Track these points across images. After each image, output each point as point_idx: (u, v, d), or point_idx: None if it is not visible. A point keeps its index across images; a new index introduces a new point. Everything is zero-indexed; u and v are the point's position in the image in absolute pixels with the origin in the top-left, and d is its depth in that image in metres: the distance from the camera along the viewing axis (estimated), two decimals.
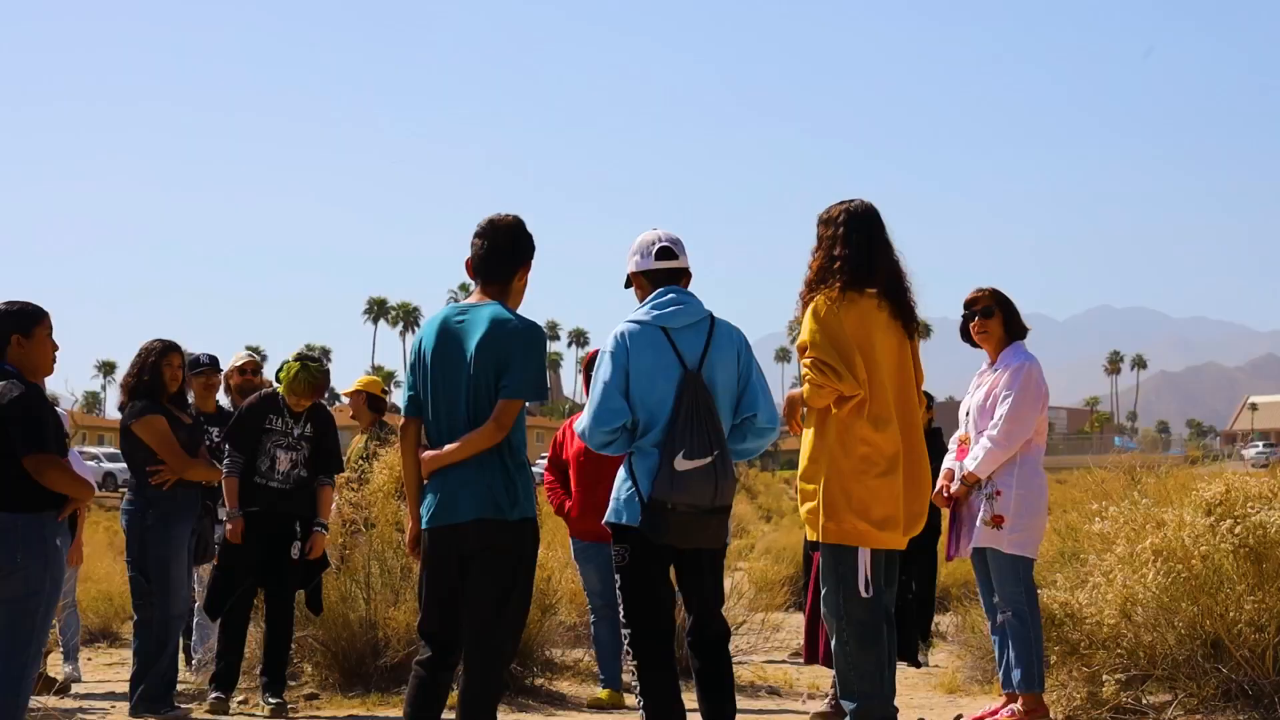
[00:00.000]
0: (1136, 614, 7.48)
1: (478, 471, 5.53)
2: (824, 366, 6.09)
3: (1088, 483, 13.96)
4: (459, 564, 5.56)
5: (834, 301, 6.19)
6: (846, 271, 6.23)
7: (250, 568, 8.55)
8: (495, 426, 5.51)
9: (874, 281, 6.27)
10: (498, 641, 5.55)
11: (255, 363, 10.04)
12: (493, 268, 5.72)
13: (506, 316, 5.60)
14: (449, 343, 5.61)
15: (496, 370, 5.53)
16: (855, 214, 6.34)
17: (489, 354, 5.53)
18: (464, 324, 5.61)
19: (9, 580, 6.08)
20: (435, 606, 5.61)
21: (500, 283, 5.72)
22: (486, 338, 5.53)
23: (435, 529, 5.58)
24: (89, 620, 13.05)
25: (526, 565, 5.64)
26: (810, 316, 6.20)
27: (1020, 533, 7.27)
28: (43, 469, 6.10)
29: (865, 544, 6.17)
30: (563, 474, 8.96)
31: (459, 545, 5.53)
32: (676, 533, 5.74)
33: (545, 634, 9.38)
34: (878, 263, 6.29)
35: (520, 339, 5.57)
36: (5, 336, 6.30)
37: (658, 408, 5.78)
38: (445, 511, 5.55)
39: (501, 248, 5.72)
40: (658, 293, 5.97)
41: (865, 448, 6.15)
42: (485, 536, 5.49)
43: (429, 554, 5.63)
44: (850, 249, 6.25)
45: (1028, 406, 7.31)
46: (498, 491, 5.52)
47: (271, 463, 8.58)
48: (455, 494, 5.53)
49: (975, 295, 7.64)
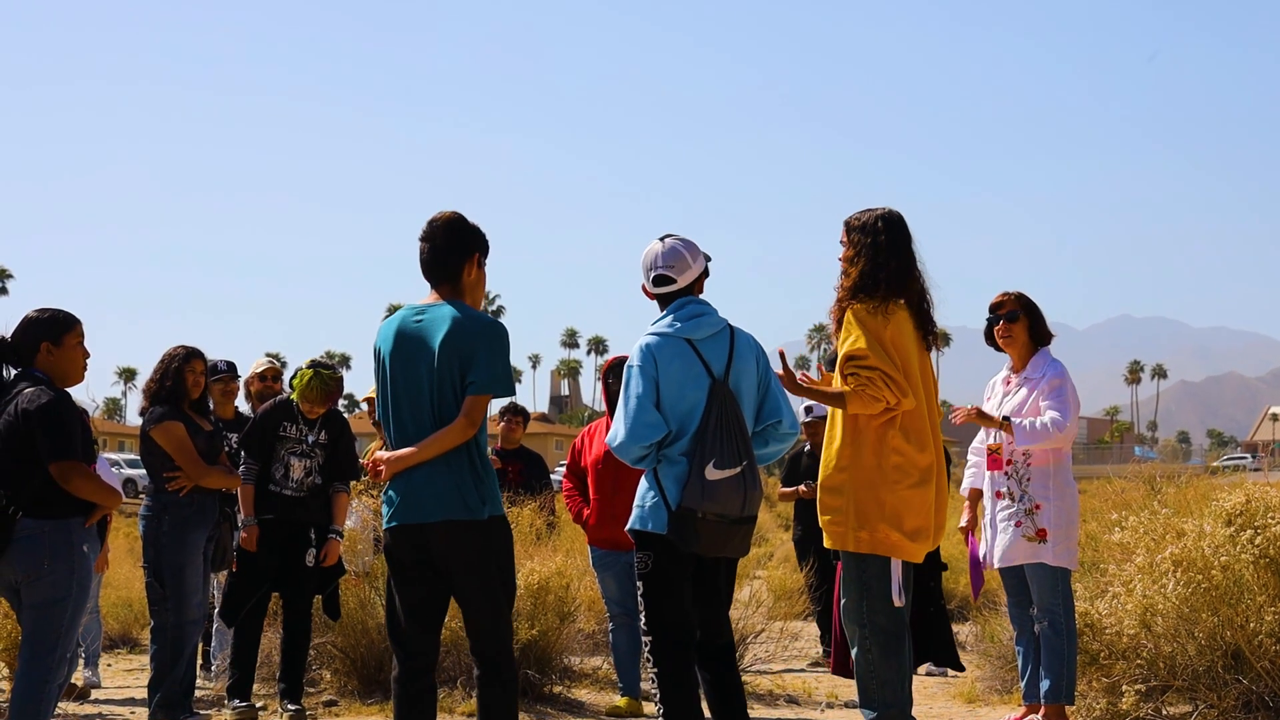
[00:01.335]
0: (1156, 624, 7.45)
1: (445, 470, 5.44)
2: (888, 380, 6.06)
3: (1108, 492, 13.93)
4: (426, 565, 5.49)
5: (875, 311, 6.18)
6: (890, 281, 6.22)
7: (265, 575, 8.57)
8: (466, 422, 5.44)
9: (906, 292, 6.27)
10: (502, 644, 5.50)
11: (276, 369, 10.08)
12: (438, 267, 5.67)
13: (466, 314, 5.54)
14: (408, 344, 5.55)
15: (461, 368, 5.46)
16: (893, 223, 6.32)
17: (452, 352, 5.46)
18: (422, 324, 5.55)
19: (36, 586, 6.11)
20: (409, 614, 5.53)
21: (449, 281, 5.66)
22: (449, 337, 5.46)
23: (400, 527, 5.48)
24: (109, 626, 13.11)
25: (507, 562, 5.57)
26: (858, 325, 6.17)
27: (1062, 544, 7.25)
28: (68, 476, 6.12)
29: (897, 555, 6.15)
30: (581, 482, 8.96)
31: (424, 546, 5.45)
32: (706, 542, 5.73)
33: (563, 641, 9.37)
34: (913, 272, 6.31)
35: (483, 336, 5.50)
36: (36, 344, 6.35)
37: (687, 418, 5.78)
38: (410, 510, 5.46)
39: (441, 246, 5.66)
40: (677, 303, 5.98)
41: (898, 458, 6.14)
42: (454, 537, 5.41)
43: (393, 555, 5.56)
44: (893, 258, 6.24)
45: (1075, 416, 7.31)
46: (467, 491, 5.44)
47: (285, 470, 8.60)
48: (420, 493, 5.44)
49: (1001, 299, 7.62)
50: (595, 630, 10.58)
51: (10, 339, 6.39)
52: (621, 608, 8.53)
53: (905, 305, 6.27)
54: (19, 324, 6.41)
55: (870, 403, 6.09)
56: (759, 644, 10.68)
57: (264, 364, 10.12)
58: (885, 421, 6.16)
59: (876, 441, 6.16)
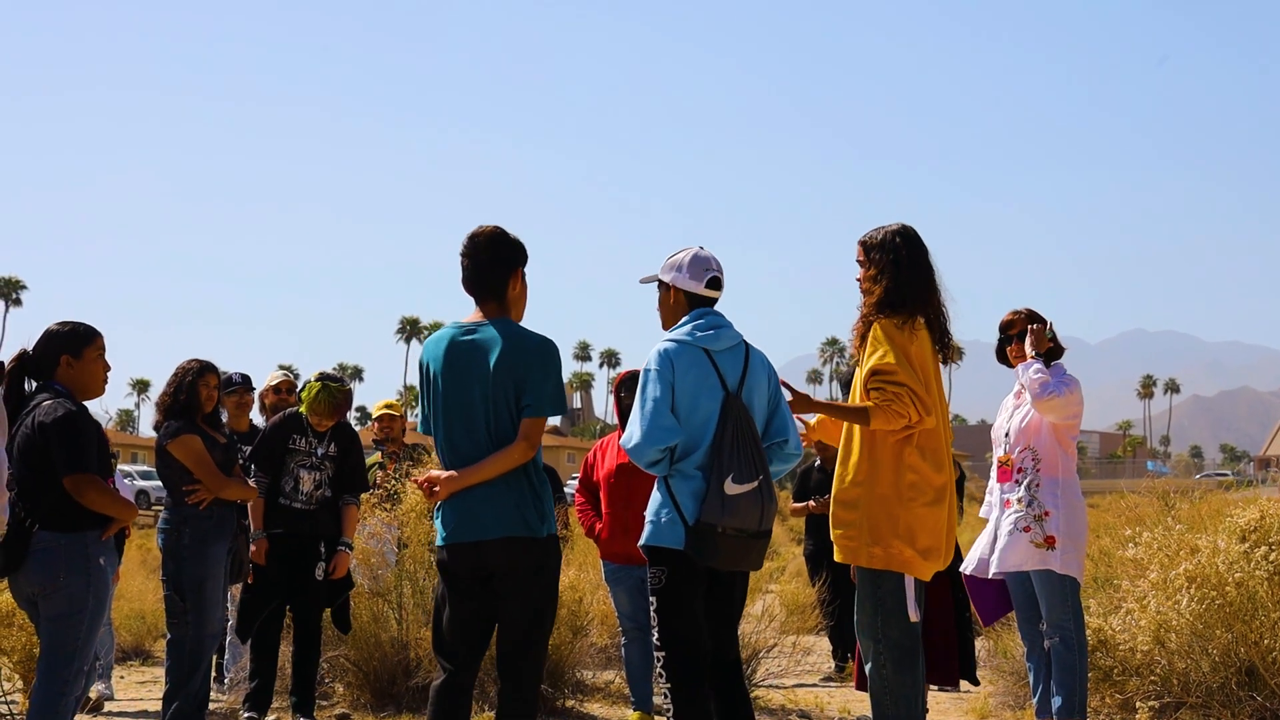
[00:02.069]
0: (1170, 641, 7.45)
1: (504, 488, 5.49)
2: (915, 397, 6.06)
3: (1120, 507, 13.91)
4: (480, 581, 5.55)
5: (903, 326, 6.19)
6: (915, 297, 6.24)
7: (277, 588, 8.59)
8: (526, 445, 5.49)
9: (928, 308, 6.29)
10: (534, 660, 5.55)
11: (290, 382, 10.12)
12: (483, 283, 5.68)
13: (520, 333, 5.58)
14: (459, 362, 5.57)
15: (516, 388, 5.50)
16: (910, 238, 6.33)
17: (507, 373, 5.49)
18: (474, 343, 5.57)
19: (52, 598, 6.14)
20: (457, 626, 5.59)
21: (494, 297, 5.69)
22: (503, 356, 5.50)
23: (458, 545, 5.53)
24: (121, 638, 13.13)
25: (554, 581, 5.63)
26: (886, 340, 6.15)
27: (1069, 553, 7.22)
28: (82, 489, 6.15)
29: (909, 571, 6.16)
30: (594, 495, 8.96)
31: (482, 562, 5.50)
32: (724, 556, 5.72)
33: (576, 655, 9.38)
34: (933, 288, 6.32)
35: (537, 356, 5.54)
36: (56, 357, 6.38)
37: (699, 430, 5.76)
38: (469, 528, 5.50)
39: (485, 262, 5.68)
40: (696, 313, 5.96)
41: (914, 475, 6.14)
42: (513, 554, 5.47)
43: (450, 571, 5.60)
44: (915, 275, 6.26)
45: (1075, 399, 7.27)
46: (526, 508, 5.50)
47: (295, 483, 8.63)
48: (479, 510, 5.49)
49: (1011, 318, 7.61)
50: (608, 644, 10.59)
51: (31, 352, 6.42)
52: (634, 622, 8.53)
53: (924, 322, 6.29)
54: (40, 337, 6.45)
55: (894, 418, 6.08)
56: (771, 658, 10.67)
57: (278, 376, 10.16)
58: (903, 439, 6.16)
59: (893, 458, 6.16)
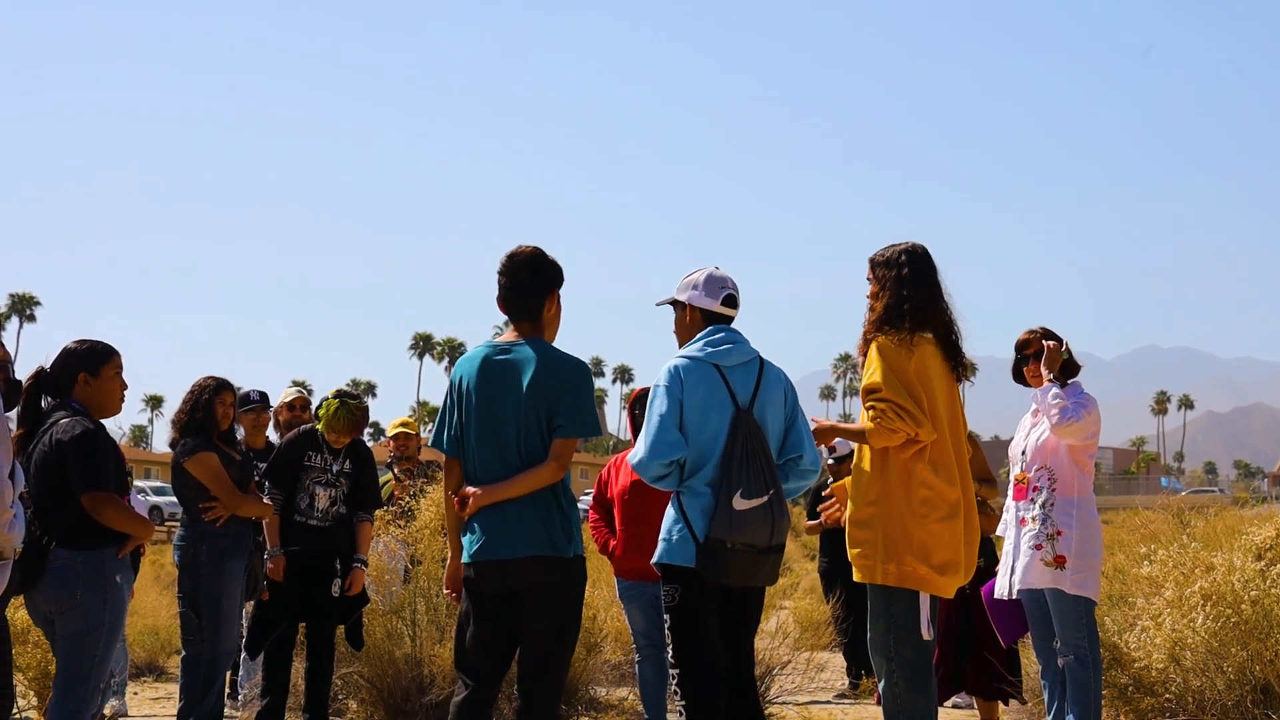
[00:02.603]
0: (1185, 658, 7.43)
1: (532, 508, 5.52)
2: (901, 411, 6.09)
3: (1135, 524, 13.88)
4: (505, 599, 5.57)
5: (900, 343, 6.21)
6: (913, 314, 6.25)
7: (291, 605, 8.60)
8: (556, 466, 5.53)
9: (933, 325, 6.30)
10: (554, 678, 5.56)
11: (304, 399, 10.15)
12: (520, 303, 5.71)
13: (553, 354, 5.62)
14: (494, 381, 5.60)
15: (548, 409, 5.54)
16: (917, 256, 6.35)
17: (540, 393, 5.53)
18: (508, 362, 5.61)
19: (69, 616, 6.15)
20: (482, 644, 5.61)
21: (530, 318, 5.72)
22: (536, 377, 5.54)
23: (484, 563, 5.56)
24: (135, 654, 13.14)
25: (578, 602, 5.66)
26: (878, 357, 6.20)
27: (1082, 573, 7.20)
28: (100, 507, 6.17)
29: (925, 588, 6.15)
30: (607, 512, 8.95)
31: (508, 581, 5.53)
32: (736, 572, 5.71)
33: (590, 672, 9.37)
34: (939, 305, 6.33)
35: (570, 377, 5.58)
36: (73, 375, 6.41)
37: (709, 445, 5.76)
38: (496, 546, 5.53)
39: (524, 282, 5.71)
40: (710, 330, 5.97)
41: (926, 491, 6.14)
42: (539, 574, 5.49)
43: (475, 589, 5.62)
44: (918, 291, 6.28)
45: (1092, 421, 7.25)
46: (553, 528, 5.52)
47: (310, 500, 8.64)
48: (507, 529, 5.51)
49: (1026, 337, 7.60)
50: (621, 661, 10.58)
51: (49, 370, 6.45)
52: (648, 640, 8.51)
53: (933, 338, 6.29)
54: (58, 355, 6.48)
55: (888, 435, 6.11)
56: (785, 675, 10.64)
57: (293, 393, 10.19)
58: (913, 455, 6.17)
59: (904, 475, 6.17)
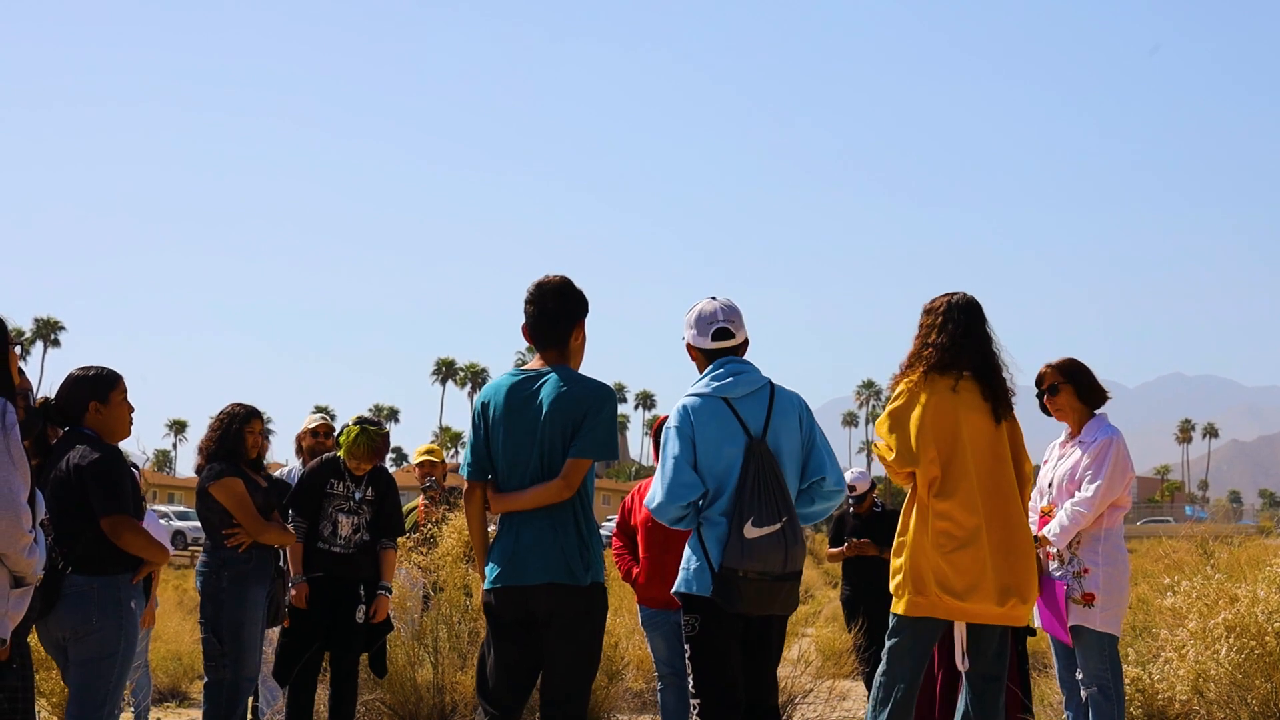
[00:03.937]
0: (1209, 690, 7.40)
1: (553, 535, 5.55)
2: (875, 445, 6.54)
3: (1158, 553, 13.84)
4: (525, 626, 5.59)
5: (913, 384, 6.45)
6: (933, 357, 6.48)
7: (315, 632, 8.61)
8: (563, 484, 5.56)
9: (962, 366, 6.47)
10: (576, 706, 5.58)
11: (327, 425, 10.16)
12: (547, 332, 5.77)
13: (578, 380, 5.68)
14: (519, 407, 5.65)
15: (569, 434, 5.58)
16: (955, 304, 6.61)
17: (562, 419, 5.58)
18: (534, 390, 5.66)
19: (84, 642, 6.19)
20: (503, 672, 5.63)
21: (557, 346, 5.78)
22: (559, 401, 5.59)
23: (503, 589, 5.59)
24: (158, 680, 13.16)
25: (599, 629, 5.68)
26: (888, 399, 6.59)
27: (1110, 610, 7.21)
28: (119, 531, 6.22)
29: (955, 617, 6.32)
30: (630, 540, 8.95)
31: (527, 607, 5.56)
32: (749, 600, 5.73)
33: (612, 700, 9.37)
34: (968, 348, 6.50)
35: (593, 403, 5.63)
36: (84, 403, 6.46)
37: (724, 476, 5.78)
38: (514, 572, 5.56)
39: (552, 311, 5.77)
40: (715, 364, 6.00)
41: (943, 522, 6.31)
42: (557, 601, 5.52)
43: (495, 614, 5.65)
44: (943, 337, 6.51)
45: (1117, 483, 7.27)
46: (571, 555, 5.55)
47: (334, 527, 8.65)
48: (527, 556, 5.55)
49: (1042, 373, 7.64)
50: (643, 689, 10.57)
51: (56, 399, 6.51)
52: (670, 668, 8.50)
53: (971, 377, 6.46)
54: (64, 383, 6.54)
55: (891, 472, 6.45)
56: (807, 704, 10.63)
57: (316, 420, 10.20)
58: (928, 489, 6.37)
59: (923, 509, 6.38)
